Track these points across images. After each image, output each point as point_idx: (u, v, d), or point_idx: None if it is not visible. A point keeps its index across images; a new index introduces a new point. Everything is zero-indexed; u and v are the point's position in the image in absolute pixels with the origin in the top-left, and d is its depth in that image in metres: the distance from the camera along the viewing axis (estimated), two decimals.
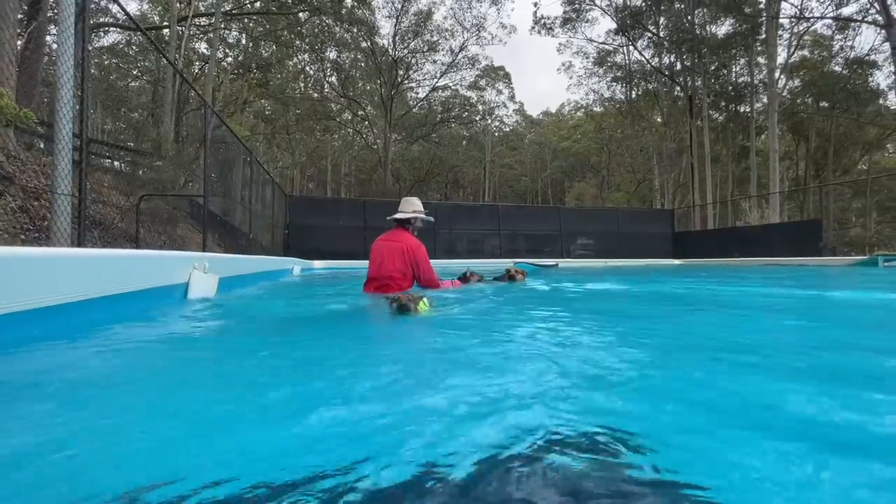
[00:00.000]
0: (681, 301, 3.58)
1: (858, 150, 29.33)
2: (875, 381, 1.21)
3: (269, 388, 1.14)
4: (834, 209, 29.20)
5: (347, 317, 2.65)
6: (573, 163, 46.83)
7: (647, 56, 31.30)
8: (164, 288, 2.74)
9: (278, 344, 1.85)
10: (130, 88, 24.76)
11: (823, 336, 2.00)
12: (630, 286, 5.10)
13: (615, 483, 0.60)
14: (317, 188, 47.58)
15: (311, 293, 4.52)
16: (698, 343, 1.82)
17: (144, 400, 1.06)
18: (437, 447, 0.71)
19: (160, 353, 1.60)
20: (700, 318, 2.68)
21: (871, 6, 20.35)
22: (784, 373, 1.28)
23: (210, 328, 2.18)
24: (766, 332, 2.13)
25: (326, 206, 16.50)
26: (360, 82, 33.72)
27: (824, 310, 3.06)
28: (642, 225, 19.75)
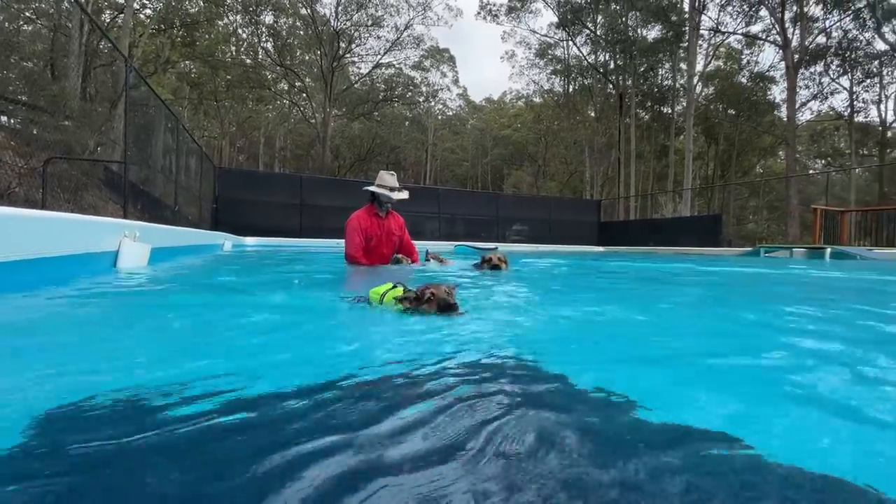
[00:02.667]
0: (617, 276, 4.07)
1: (756, 155, 33.15)
2: (738, 314, 1.61)
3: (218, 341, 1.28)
4: (734, 206, 32.89)
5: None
6: (512, 151, 48.18)
7: (584, 52, 32.76)
8: (91, 255, 2.65)
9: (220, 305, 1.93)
10: (23, 33, 21.47)
11: (714, 293, 2.47)
12: (575, 264, 5.61)
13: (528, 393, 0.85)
14: (247, 161, 44.77)
15: (249, 269, 4.48)
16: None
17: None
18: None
19: (90, 306, 1.64)
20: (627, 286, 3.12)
21: (773, 26, 22.90)
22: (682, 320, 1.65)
23: (145, 292, 2.19)
24: (676, 293, 2.57)
25: (260, 181, 15.70)
26: (298, 51, 31.99)
27: (716, 279, 3.72)
28: (572, 213, 21.01)
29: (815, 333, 1.51)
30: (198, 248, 5.78)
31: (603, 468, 0.55)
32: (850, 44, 22.80)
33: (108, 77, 11.69)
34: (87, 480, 0.51)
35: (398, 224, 4.32)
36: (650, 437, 0.66)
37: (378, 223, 4.12)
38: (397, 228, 4.28)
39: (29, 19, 18.75)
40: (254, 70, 29.10)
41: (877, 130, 26.77)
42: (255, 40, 30.42)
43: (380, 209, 4.08)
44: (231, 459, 0.56)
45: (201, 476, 0.52)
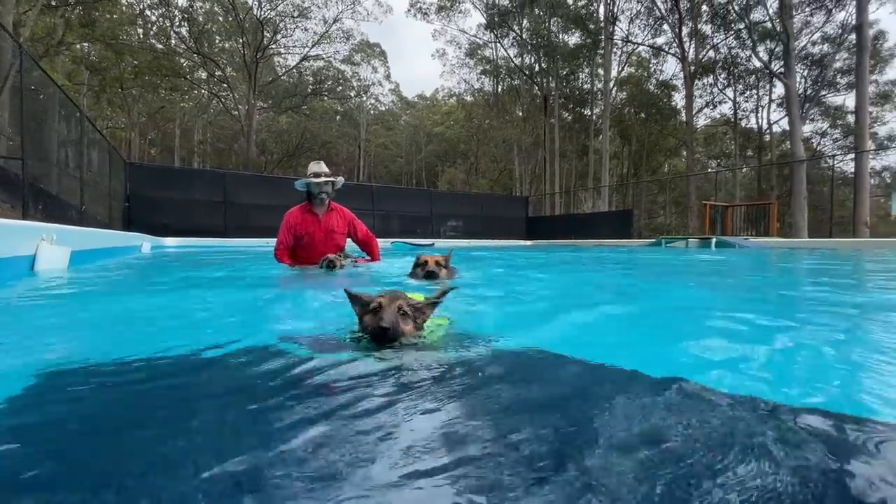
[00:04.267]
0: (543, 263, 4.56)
1: (663, 155, 36.74)
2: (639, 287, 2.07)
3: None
4: (646, 202, 36.20)
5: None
6: (446, 148, 48.94)
7: (511, 54, 34.14)
8: (4, 260, 2.59)
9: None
10: None
11: (620, 272, 2.98)
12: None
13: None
14: (161, 154, 41.18)
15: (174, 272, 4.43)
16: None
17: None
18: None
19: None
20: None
21: (674, 40, 25.50)
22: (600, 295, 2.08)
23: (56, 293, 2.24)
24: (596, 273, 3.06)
25: (178, 177, 14.73)
26: (217, 38, 29.98)
27: (624, 262, 4.33)
28: (502, 209, 22.00)
29: (681, 296, 2.07)
30: (113, 250, 5.50)
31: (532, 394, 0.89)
32: (734, 60, 26.15)
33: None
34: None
35: (344, 220, 3.90)
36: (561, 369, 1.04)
37: (313, 220, 3.76)
38: (342, 225, 3.87)
39: None
40: (166, 56, 26.83)
41: (756, 135, 30.94)
42: (166, 24, 28.05)
43: (316, 205, 3.75)
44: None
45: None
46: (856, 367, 1.09)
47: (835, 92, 27.46)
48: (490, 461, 0.57)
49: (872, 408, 0.81)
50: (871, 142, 23.96)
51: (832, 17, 23.36)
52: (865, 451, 0.62)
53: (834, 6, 22.16)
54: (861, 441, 0.65)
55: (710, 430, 0.68)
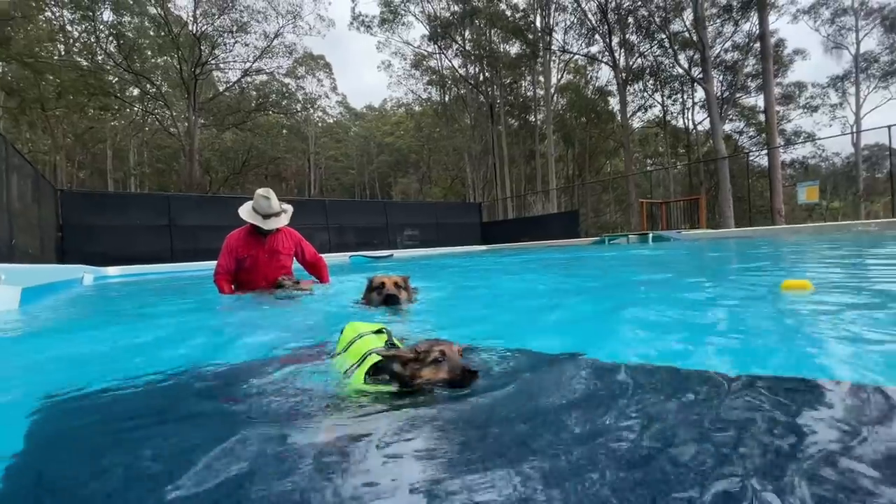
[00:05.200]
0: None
1: (604, 156, 38.89)
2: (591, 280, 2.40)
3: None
4: (592, 201, 38.08)
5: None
6: (398, 157, 49.10)
7: (455, 65, 34.99)
8: None
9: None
10: None
11: (565, 272, 3.34)
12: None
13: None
14: (91, 178, 38.54)
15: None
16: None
17: None
18: None
19: None
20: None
21: (606, 49, 27.22)
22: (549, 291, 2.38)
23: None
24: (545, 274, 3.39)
25: (117, 203, 14.00)
26: (150, 53, 28.65)
27: (571, 260, 4.73)
28: (456, 216, 22.45)
29: (614, 285, 2.43)
30: (58, 284, 5.32)
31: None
32: (659, 67, 28.33)
33: None
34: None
35: (291, 241, 3.71)
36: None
37: (257, 242, 3.53)
38: (289, 246, 3.67)
39: None
40: (92, 74, 25.32)
41: (684, 135, 33.57)
42: (91, 40, 26.49)
43: (261, 230, 3.50)
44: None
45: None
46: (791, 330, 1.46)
47: (747, 94, 30.38)
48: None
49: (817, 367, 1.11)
50: (780, 138, 26.69)
51: (739, 28, 25.96)
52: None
53: (740, 18, 24.61)
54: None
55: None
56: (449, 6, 32.69)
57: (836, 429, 0.76)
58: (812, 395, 0.93)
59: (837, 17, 28.71)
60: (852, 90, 30.60)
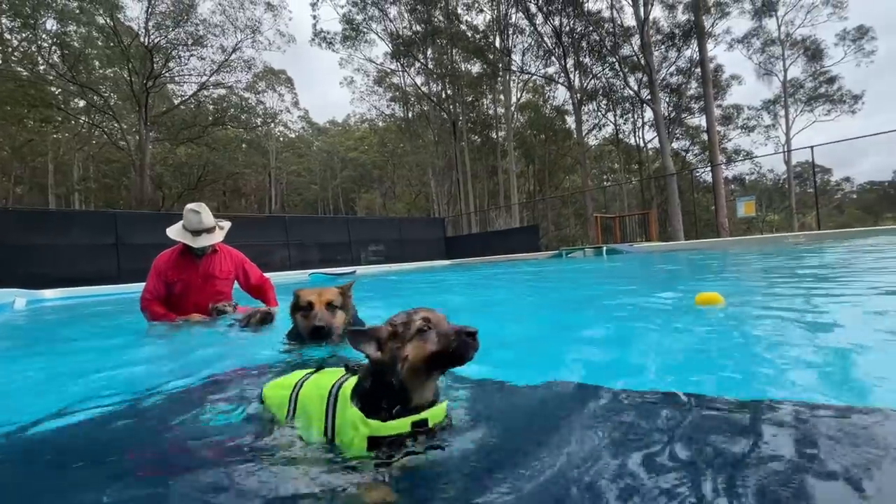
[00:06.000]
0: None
1: (563, 172, 40.38)
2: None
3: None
4: (553, 215, 39.29)
5: None
6: (361, 172, 48.91)
7: (418, 82, 35.53)
8: None
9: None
10: None
11: (539, 282, 3.45)
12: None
13: None
14: (30, 193, 36.13)
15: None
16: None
17: None
18: None
19: None
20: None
21: (561, 71, 28.48)
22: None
23: None
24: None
25: (56, 221, 13.21)
26: (97, 64, 27.42)
27: (536, 273, 4.88)
28: (420, 231, 22.54)
29: (572, 298, 2.55)
30: None
31: None
32: (611, 88, 29.97)
33: None
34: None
35: (231, 263, 3.27)
36: None
37: (188, 265, 3.11)
38: (227, 269, 3.23)
39: None
40: (32, 84, 23.95)
41: (636, 152, 35.45)
42: (32, 49, 25.11)
43: (193, 248, 3.08)
44: None
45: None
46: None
47: (691, 115, 32.60)
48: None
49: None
50: (721, 156, 28.65)
51: (682, 54, 27.96)
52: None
53: (682, 45, 26.51)
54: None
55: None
56: (411, 25, 33.34)
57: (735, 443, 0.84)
58: (701, 409, 1.02)
59: (767, 46, 31.38)
60: (782, 112, 33.41)
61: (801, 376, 1.21)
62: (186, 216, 3.03)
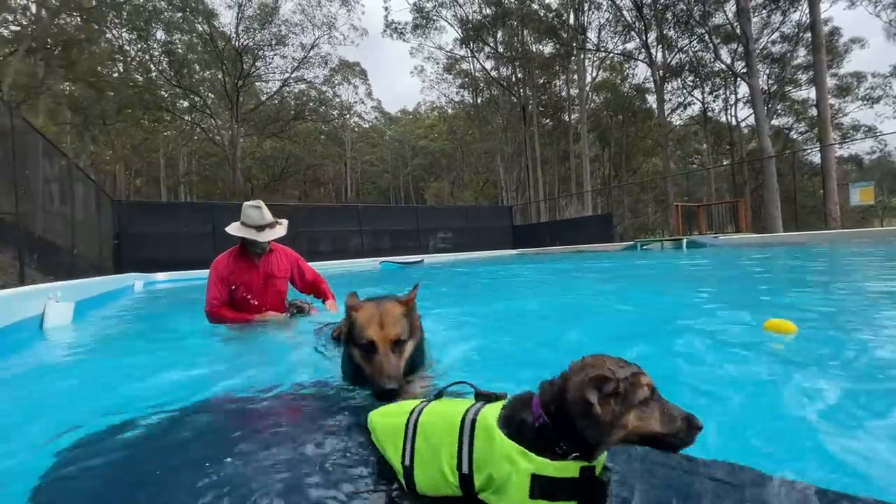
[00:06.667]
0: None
1: (642, 155, 37.77)
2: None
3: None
4: (630, 202, 37.01)
5: None
6: (431, 160, 49.60)
7: (487, 67, 35.00)
8: (18, 323, 2.93)
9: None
10: None
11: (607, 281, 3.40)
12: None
13: None
14: (147, 185, 41.33)
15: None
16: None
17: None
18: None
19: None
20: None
21: (642, 47, 26.43)
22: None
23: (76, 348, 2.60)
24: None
25: (166, 212, 15.07)
26: (196, 67, 30.47)
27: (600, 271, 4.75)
28: (487, 220, 22.43)
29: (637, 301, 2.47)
30: (112, 293, 5.84)
31: None
32: (700, 63, 27.18)
33: None
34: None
35: (287, 262, 3.25)
36: None
37: (248, 267, 3.07)
38: (285, 268, 3.22)
39: None
40: (147, 90, 27.23)
41: (727, 133, 32.03)
42: (146, 58, 28.49)
43: (251, 249, 3.08)
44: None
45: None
46: None
47: (797, 88, 28.59)
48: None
49: None
50: (835, 133, 24.94)
51: (788, 18, 24.48)
52: None
53: (788, 7, 23.22)
54: None
55: None
56: (481, 9, 32.78)
57: None
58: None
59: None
60: None
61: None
62: (247, 212, 3.01)
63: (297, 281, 3.33)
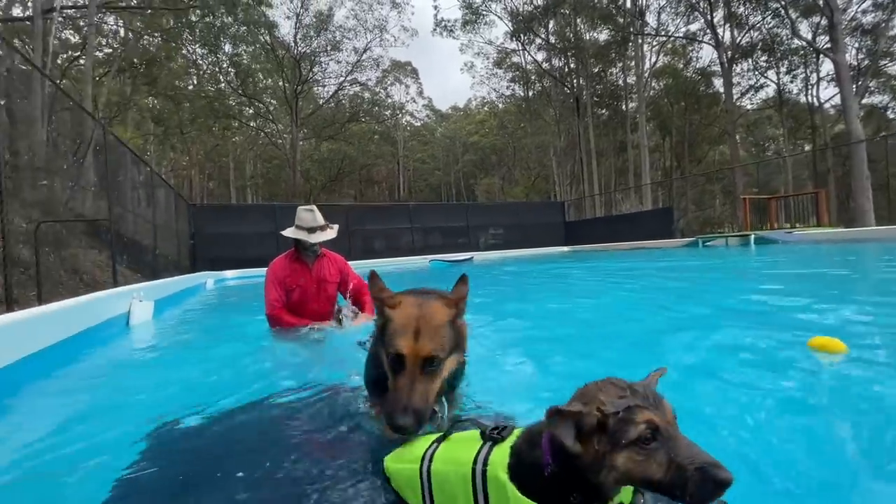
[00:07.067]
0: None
1: (708, 143, 35.25)
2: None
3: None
4: (694, 194, 34.72)
5: None
6: (481, 156, 49.44)
7: (538, 59, 34.21)
8: (111, 320, 3.37)
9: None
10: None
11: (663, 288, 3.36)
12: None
13: None
14: (218, 187, 44.73)
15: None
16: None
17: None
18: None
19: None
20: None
21: (707, 28, 24.61)
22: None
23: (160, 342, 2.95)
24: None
25: (234, 213, 16.30)
26: (260, 76, 32.48)
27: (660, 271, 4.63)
28: (538, 216, 22.02)
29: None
30: (186, 291, 6.46)
31: None
32: (774, 40, 24.74)
33: (71, 125, 12.04)
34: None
35: (336, 267, 3.35)
36: None
37: (302, 270, 3.18)
38: (334, 273, 3.33)
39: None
40: (218, 100, 29.45)
41: (807, 116, 28.97)
42: (216, 70, 30.80)
43: (304, 253, 3.21)
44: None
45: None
46: None
47: (894, 61, 25.21)
48: None
49: None
50: None
51: None
52: None
53: None
54: None
55: None
56: (531, 0, 32.08)
57: None
58: None
59: None
60: None
61: None
62: (300, 216, 3.16)
63: (342, 287, 3.39)
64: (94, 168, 9.03)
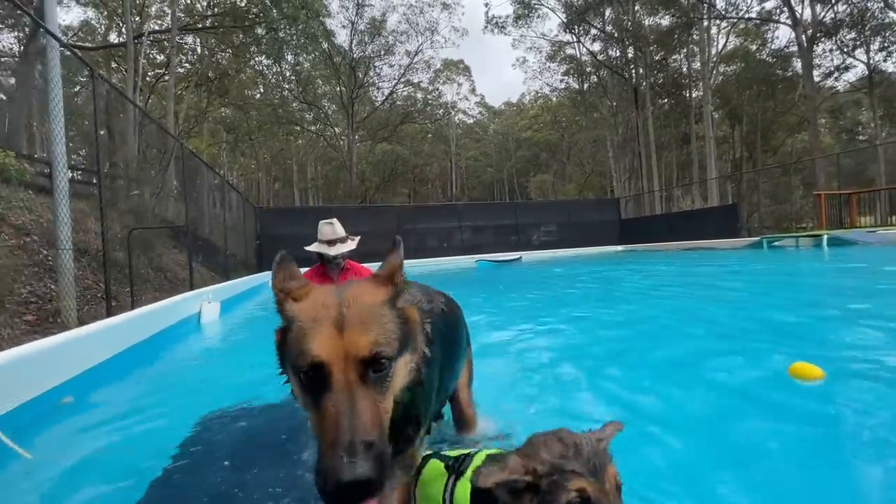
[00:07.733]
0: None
1: (784, 131, 32.22)
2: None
3: None
4: (768, 187, 31.91)
5: None
6: (535, 152, 48.63)
7: (594, 50, 33.02)
8: (187, 318, 3.91)
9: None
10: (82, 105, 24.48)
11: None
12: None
13: None
14: (283, 188, 47.65)
15: None
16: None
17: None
18: None
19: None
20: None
21: (783, 5, 22.50)
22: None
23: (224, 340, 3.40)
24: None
25: (295, 216, 17.45)
26: (319, 82, 34.15)
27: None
28: (592, 214, 21.37)
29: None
30: (252, 290, 7.14)
31: None
32: (862, 15, 22.00)
33: (156, 138, 13.47)
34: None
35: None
36: None
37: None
38: None
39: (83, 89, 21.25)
40: (281, 107, 31.40)
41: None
42: (279, 79, 32.82)
43: (329, 266, 3.24)
44: None
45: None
46: None
47: None
48: None
49: None
50: None
51: None
52: None
53: None
54: None
55: None
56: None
57: None
58: None
59: None
60: None
61: None
62: (321, 229, 3.23)
63: None
64: (174, 176, 10.17)
